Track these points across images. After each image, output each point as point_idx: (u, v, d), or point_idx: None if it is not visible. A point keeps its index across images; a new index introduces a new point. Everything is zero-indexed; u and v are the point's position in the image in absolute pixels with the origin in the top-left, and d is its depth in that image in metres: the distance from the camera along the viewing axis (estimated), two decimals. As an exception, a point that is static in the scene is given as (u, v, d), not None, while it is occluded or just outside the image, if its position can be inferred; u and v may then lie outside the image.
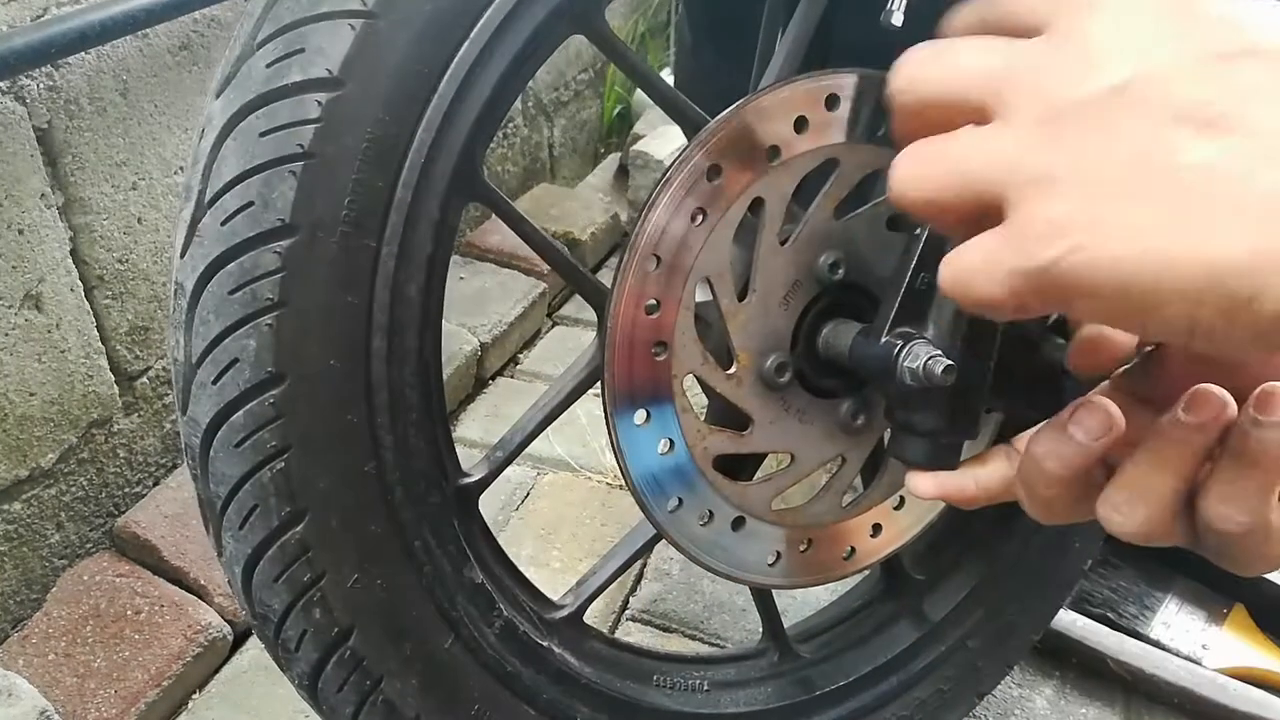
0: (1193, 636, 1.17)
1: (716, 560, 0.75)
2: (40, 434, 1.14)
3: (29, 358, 1.11)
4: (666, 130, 2.16)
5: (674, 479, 0.72)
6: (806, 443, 0.76)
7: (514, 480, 1.48)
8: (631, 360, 0.68)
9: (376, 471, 0.64)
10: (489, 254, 1.88)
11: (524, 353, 1.81)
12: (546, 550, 1.36)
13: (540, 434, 0.75)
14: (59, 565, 1.21)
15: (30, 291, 1.09)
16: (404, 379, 0.64)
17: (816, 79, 0.69)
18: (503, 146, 2.03)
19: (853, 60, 0.72)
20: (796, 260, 0.71)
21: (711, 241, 0.68)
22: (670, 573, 1.31)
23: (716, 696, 0.85)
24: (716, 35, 1.20)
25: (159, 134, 1.22)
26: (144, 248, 1.23)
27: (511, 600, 0.74)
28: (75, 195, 1.13)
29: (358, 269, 0.60)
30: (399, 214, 0.61)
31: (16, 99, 1.04)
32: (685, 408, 0.70)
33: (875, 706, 0.92)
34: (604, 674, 0.79)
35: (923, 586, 0.96)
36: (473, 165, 0.64)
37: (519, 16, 0.62)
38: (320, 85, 0.58)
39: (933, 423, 0.66)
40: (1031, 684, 1.16)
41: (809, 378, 0.75)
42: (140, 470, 1.30)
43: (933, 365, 0.63)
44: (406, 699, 0.68)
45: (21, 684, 1.00)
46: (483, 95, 0.62)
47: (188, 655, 1.11)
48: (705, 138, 0.66)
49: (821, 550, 0.80)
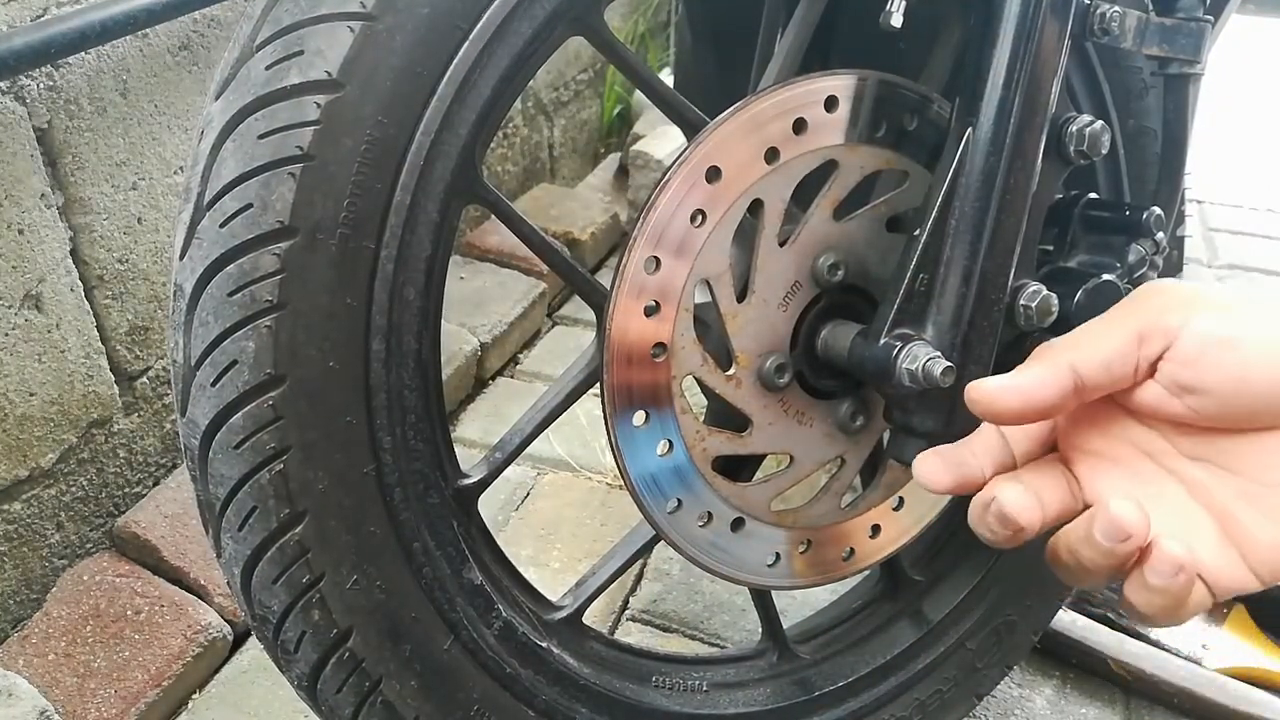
0: (1193, 636, 1.17)
1: (716, 561, 0.76)
2: (40, 434, 1.14)
3: (29, 358, 1.11)
4: (666, 130, 2.16)
5: (673, 480, 0.72)
6: (806, 444, 0.76)
7: (514, 480, 1.48)
8: (630, 361, 0.68)
9: (375, 473, 0.64)
10: (489, 254, 1.88)
11: (524, 353, 1.81)
12: (546, 550, 1.36)
13: (540, 434, 0.75)
14: (59, 565, 1.21)
15: (30, 291, 1.09)
16: (403, 381, 0.64)
17: (815, 80, 0.69)
18: (503, 147, 2.03)
19: (852, 62, 0.72)
20: (796, 261, 0.71)
21: (711, 243, 0.68)
22: (670, 573, 1.31)
23: (716, 697, 0.85)
24: (716, 36, 1.20)
25: (159, 134, 1.22)
26: (144, 248, 1.23)
27: (511, 601, 0.74)
28: (75, 195, 1.13)
29: (357, 271, 0.60)
30: (398, 216, 0.61)
31: (16, 99, 1.04)
32: (684, 409, 0.71)
33: (874, 707, 0.92)
34: (603, 675, 0.79)
35: (922, 587, 0.96)
36: (472, 167, 0.64)
37: (518, 18, 0.63)
38: (319, 87, 0.58)
39: (931, 424, 0.66)
40: (1031, 684, 1.16)
41: (808, 379, 0.75)
42: (140, 470, 1.30)
43: (931, 366, 0.63)
44: (405, 700, 0.68)
45: (21, 684, 1.00)
46: (482, 97, 0.62)
47: (188, 655, 1.11)
48: (704, 139, 0.66)
49: (821, 551, 0.80)
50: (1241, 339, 0.49)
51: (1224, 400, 0.50)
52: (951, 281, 0.65)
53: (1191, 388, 0.50)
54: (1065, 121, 0.69)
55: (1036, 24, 0.65)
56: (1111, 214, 0.75)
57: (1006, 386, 0.54)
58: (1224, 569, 0.50)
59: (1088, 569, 0.51)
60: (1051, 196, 0.72)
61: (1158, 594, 0.49)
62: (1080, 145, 0.69)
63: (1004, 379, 0.54)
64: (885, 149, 0.73)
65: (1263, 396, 0.48)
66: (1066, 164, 0.70)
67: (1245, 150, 2.70)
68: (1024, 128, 0.66)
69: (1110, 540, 0.49)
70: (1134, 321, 0.52)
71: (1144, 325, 0.52)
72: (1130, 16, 0.71)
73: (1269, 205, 2.42)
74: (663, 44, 2.56)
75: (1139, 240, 0.74)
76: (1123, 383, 0.53)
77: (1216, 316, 0.50)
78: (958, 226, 0.65)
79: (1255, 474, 0.50)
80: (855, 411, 0.76)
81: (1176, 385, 0.51)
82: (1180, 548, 0.48)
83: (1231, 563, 0.50)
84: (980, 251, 0.65)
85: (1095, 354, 0.53)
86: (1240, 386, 0.49)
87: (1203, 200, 2.43)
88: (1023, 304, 0.68)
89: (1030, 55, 0.65)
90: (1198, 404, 0.50)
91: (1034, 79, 0.65)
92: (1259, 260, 2.18)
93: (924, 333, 0.66)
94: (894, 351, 0.65)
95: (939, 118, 0.73)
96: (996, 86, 0.65)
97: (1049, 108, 0.67)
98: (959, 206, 0.66)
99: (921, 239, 0.67)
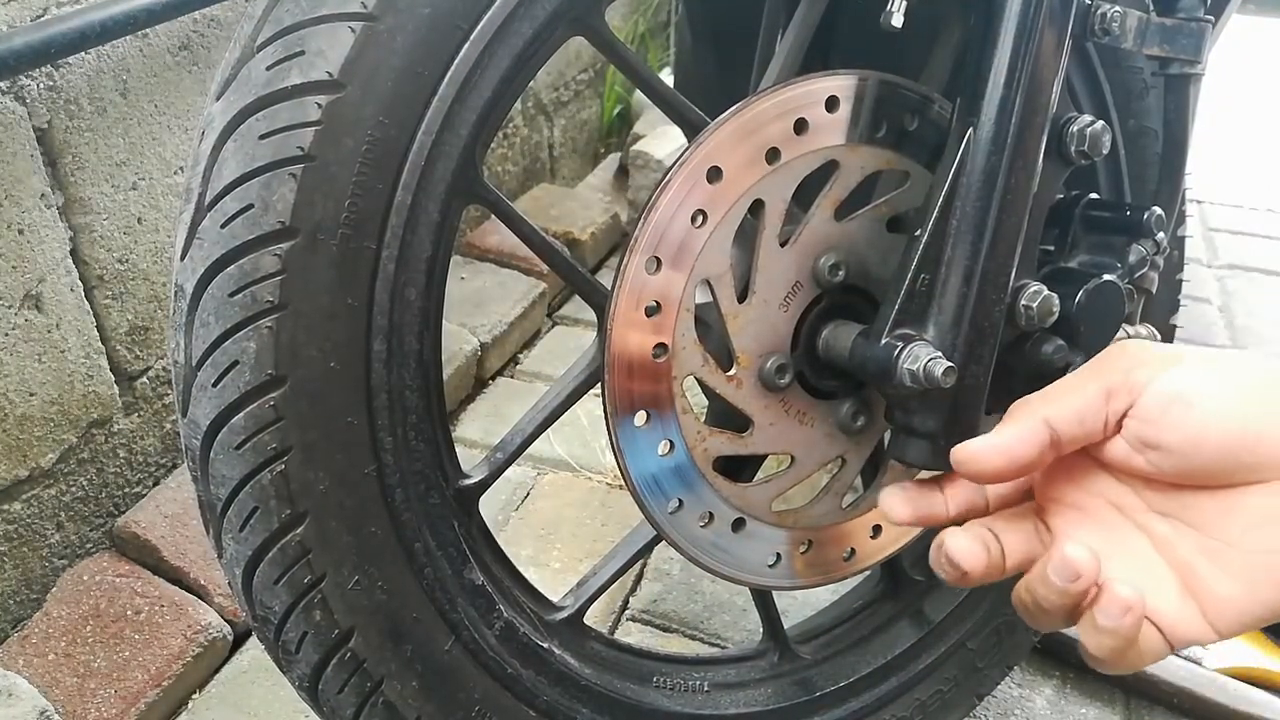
0: (1192, 637, 1.17)
1: (717, 561, 0.75)
2: (40, 434, 1.14)
3: (29, 358, 1.11)
4: (666, 130, 2.16)
5: (674, 480, 0.72)
6: (807, 444, 0.76)
7: (514, 480, 1.48)
8: (632, 362, 0.68)
9: (376, 473, 0.64)
10: (489, 254, 1.88)
11: (524, 353, 1.81)
12: (546, 551, 1.36)
13: (540, 435, 0.75)
14: (59, 565, 1.21)
15: (30, 291, 1.09)
16: (404, 381, 0.64)
17: (816, 81, 0.69)
18: (503, 147, 2.03)
19: (852, 62, 0.72)
20: (797, 262, 0.71)
21: (712, 243, 0.68)
22: (670, 573, 1.31)
23: (717, 697, 0.85)
24: (716, 37, 1.20)
25: (159, 134, 1.22)
26: (144, 248, 1.23)
27: (512, 602, 0.74)
28: (75, 195, 1.13)
29: (358, 272, 0.60)
30: (399, 216, 0.61)
31: (16, 99, 1.04)
32: (685, 409, 0.71)
33: (876, 707, 0.92)
34: (604, 675, 0.79)
35: (923, 587, 0.96)
36: (473, 167, 0.64)
37: (519, 18, 0.62)
38: (320, 88, 0.58)
39: (932, 424, 0.66)
40: (1031, 684, 1.17)
41: (809, 379, 0.75)
42: (140, 470, 1.30)
43: (933, 367, 0.63)
44: (407, 700, 0.68)
45: (21, 684, 1.00)
46: (483, 97, 0.62)
47: (188, 655, 1.11)
48: (705, 139, 0.66)
49: (822, 551, 0.80)
50: (1200, 399, 0.51)
51: (1182, 457, 0.52)
52: (953, 282, 0.65)
53: (1153, 444, 0.53)
54: (1066, 121, 0.69)
55: (1037, 24, 0.65)
56: (1112, 214, 0.75)
57: (989, 446, 0.56)
58: (1182, 620, 0.52)
59: (1044, 609, 0.53)
60: (1052, 197, 0.72)
61: (1107, 635, 0.51)
62: (1081, 145, 0.69)
63: (986, 440, 0.56)
64: (886, 149, 0.73)
65: (1217, 456, 0.51)
66: (1067, 164, 0.70)
67: (1245, 150, 2.70)
68: (1025, 128, 0.65)
69: (1062, 580, 0.51)
70: (1103, 378, 0.55)
71: (1111, 382, 0.54)
72: (1131, 16, 0.71)
73: (1269, 205, 2.42)
74: (663, 44, 2.56)
75: (1140, 240, 0.74)
76: (1094, 436, 0.55)
77: (1179, 376, 0.52)
78: (959, 227, 0.65)
79: (1215, 531, 0.52)
80: (856, 412, 0.76)
81: (1139, 441, 0.54)
82: (1129, 591, 0.50)
83: (1190, 615, 0.52)
84: (981, 252, 0.65)
85: (1067, 408, 0.55)
86: (1197, 445, 0.51)
87: (1203, 200, 2.43)
88: (1024, 304, 0.68)
89: (1031, 55, 0.65)
90: (1158, 460, 0.53)
91: (1035, 79, 0.65)
92: (1259, 260, 2.18)
93: (925, 333, 0.66)
94: (895, 352, 0.65)
95: (940, 118, 0.73)
96: (997, 86, 0.65)
97: (1050, 108, 0.67)
98: (960, 207, 0.66)
99: (923, 239, 0.66)
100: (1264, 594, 0.50)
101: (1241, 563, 0.51)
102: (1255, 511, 0.51)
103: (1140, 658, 0.52)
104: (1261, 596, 0.50)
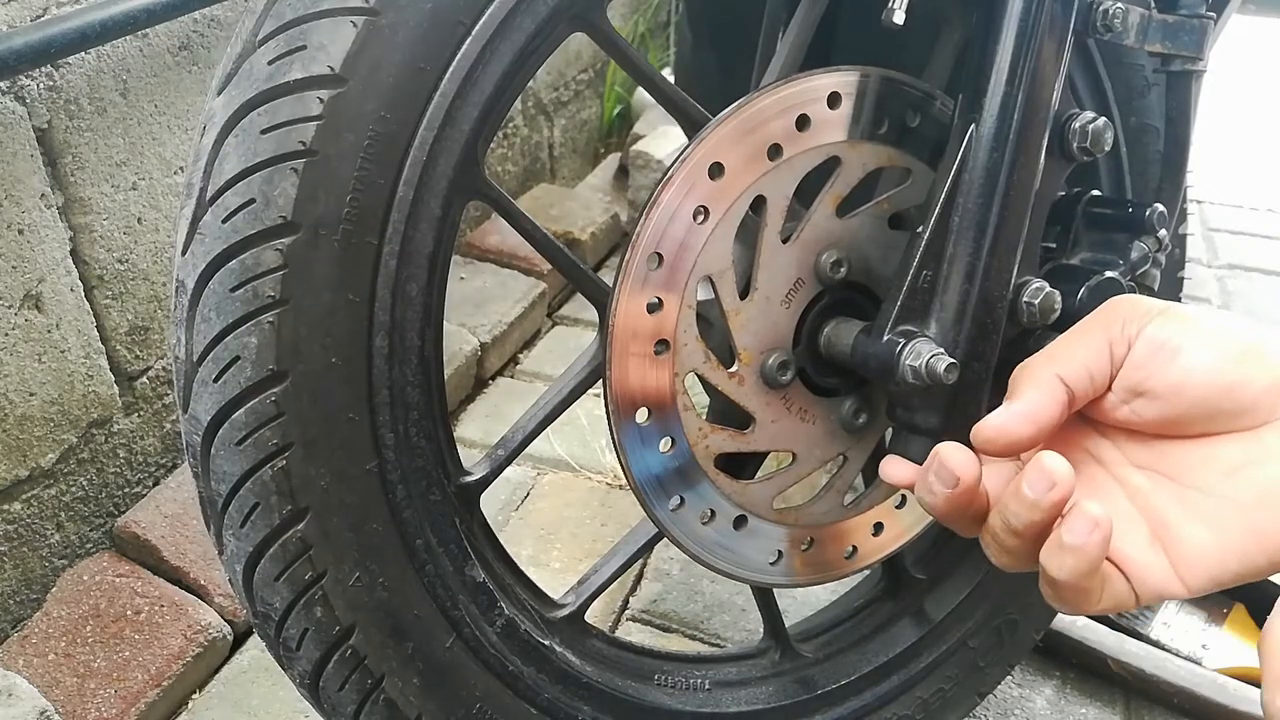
0: (1193, 636, 1.17)
1: (718, 559, 0.75)
2: (40, 434, 1.14)
3: (29, 358, 1.11)
4: (667, 130, 2.16)
5: (675, 478, 0.72)
6: (808, 441, 0.76)
7: (514, 480, 1.47)
8: (633, 359, 0.68)
9: (378, 470, 0.64)
10: (489, 254, 1.88)
11: (524, 353, 1.81)
12: (547, 550, 1.36)
13: (541, 433, 0.75)
14: (59, 565, 1.21)
15: (30, 291, 1.09)
16: (405, 377, 0.64)
17: (818, 77, 0.69)
18: (503, 146, 2.02)
19: (854, 59, 0.72)
20: (799, 258, 0.71)
21: (713, 240, 0.68)
22: (670, 572, 1.31)
23: (718, 695, 0.85)
24: (716, 35, 1.20)
25: (159, 134, 1.22)
26: (144, 248, 1.23)
27: (513, 599, 0.74)
28: (75, 195, 1.13)
29: (359, 267, 0.60)
30: (401, 212, 0.61)
31: (16, 99, 1.04)
32: (687, 406, 0.70)
33: (877, 706, 0.91)
34: (605, 673, 0.79)
35: (924, 585, 0.95)
36: (474, 163, 0.64)
37: (520, 14, 0.62)
38: (322, 82, 0.57)
39: (934, 421, 0.66)
40: (1031, 684, 1.16)
41: (811, 376, 0.75)
42: (140, 470, 1.30)
43: (935, 363, 0.63)
44: (408, 698, 0.68)
45: (21, 684, 1.00)
46: (485, 93, 0.62)
47: (188, 655, 1.11)
48: (707, 136, 0.66)
49: (823, 549, 0.80)
50: (1187, 348, 0.52)
51: (1166, 403, 0.53)
52: (955, 278, 0.65)
53: (1140, 389, 0.54)
54: (1068, 118, 0.69)
55: (1039, 21, 0.65)
56: (1114, 211, 0.75)
57: (1015, 415, 0.56)
58: (1150, 569, 0.53)
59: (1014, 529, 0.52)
60: (1054, 193, 0.72)
61: (1070, 553, 0.50)
62: (1083, 142, 0.69)
63: (1008, 411, 0.56)
64: (888, 146, 0.73)
65: (1199, 400, 0.52)
66: (1069, 161, 0.70)
67: (1245, 150, 2.70)
68: (1027, 124, 0.65)
69: (1035, 491, 0.50)
70: (1105, 332, 0.55)
71: (1112, 335, 0.55)
72: (1133, 13, 0.71)
73: (1269, 205, 2.42)
74: (663, 44, 2.56)
75: (1142, 237, 0.74)
76: (1101, 390, 0.56)
77: (1169, 325, 0.54)
78: (961, 223, 0.65)
79: (1191, 478, 0.53)
80: (858, 409, 0.76)
81: (1125, 389, 0.54)
82: (1098, 509, 0.50)
83: (1159, 565, 0.53)
84: (983, 248, 0.65)
85: (1078, 364, 0.55)
86: (1180, 390, 0.52)
87: (1203, 200, 2.43)
88: (1025, 301, 0.68)
89: (1033, 52, 0.65)
90: (1143, 407, 0.54)
91: (1037, 76, 0.65)
92: (1259, 260, 2.18)
93: (927, 330, 0.66)
94: (897, 348, 0.65)
95: (942, 115, 0.73)
96: (999, 83, 0.65)
97: (1052, 105, 0.67)
98: (962, 203, 0.66)
99: (924, 236, 0.66)
100: (1234, 541, 0.51)
101: (1213, 508, 0.52)
102: (1231, 459, 0.52)
103: (1101, 600, 0.52)
104: (1231, 544, 0.51)
